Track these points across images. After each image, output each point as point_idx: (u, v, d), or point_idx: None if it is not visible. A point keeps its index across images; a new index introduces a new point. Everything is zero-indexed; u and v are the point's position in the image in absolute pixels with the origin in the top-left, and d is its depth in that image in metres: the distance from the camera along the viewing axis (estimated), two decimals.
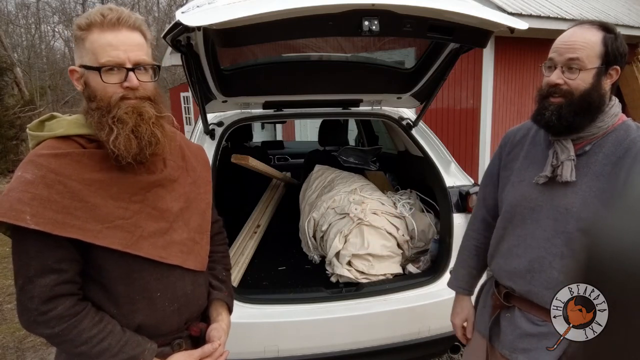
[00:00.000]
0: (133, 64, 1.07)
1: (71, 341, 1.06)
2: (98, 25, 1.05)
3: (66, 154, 1.07)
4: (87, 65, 1.07)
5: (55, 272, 1.04)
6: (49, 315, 1.03)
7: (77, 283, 1.09)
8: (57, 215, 1.02)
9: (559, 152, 1.31)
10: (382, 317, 2.16)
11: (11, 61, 12.54)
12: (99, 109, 1.07)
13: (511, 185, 1.46)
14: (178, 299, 1.19)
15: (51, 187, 1.03)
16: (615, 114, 1.31)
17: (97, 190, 1.08)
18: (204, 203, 1.32)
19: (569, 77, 1.27)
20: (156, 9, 22.76)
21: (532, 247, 1.37)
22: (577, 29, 1.29)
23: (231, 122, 2.51)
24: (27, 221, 1.00)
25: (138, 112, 1.08)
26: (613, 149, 1.27)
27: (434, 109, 6.80)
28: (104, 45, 1.05)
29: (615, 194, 1.23)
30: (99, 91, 1.07)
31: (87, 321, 1.06)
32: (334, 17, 1.55)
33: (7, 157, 10.71)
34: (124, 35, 1.07)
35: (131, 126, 1.06)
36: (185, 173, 1.28)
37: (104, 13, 1.06)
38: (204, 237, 1.29)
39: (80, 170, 1.07)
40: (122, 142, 1.05)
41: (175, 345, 1.21)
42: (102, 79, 1.06)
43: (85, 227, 1.05)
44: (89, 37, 1.06)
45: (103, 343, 1.06)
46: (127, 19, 1.07)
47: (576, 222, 1.28)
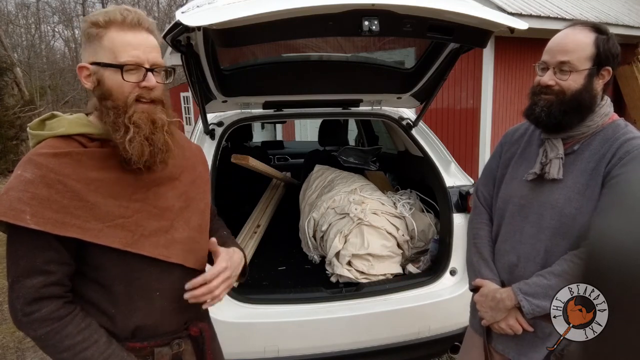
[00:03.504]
0: (151, 65, 1.08)
1: (53, 346, 1.04)
2: (118, 24, 1.06)
3: (66, 154, 1.07)
4: (104, 62, 1.07)
5: (43, 274, 1.03)
6: (32, 317, 1.02)
7: (65, 286, 1.07)
8: (57, 215, 1.02)
9: (549, 150, 1.35)
10: (382, 317, 2.16)
11: (11, 61, 12.54)
12: (115, 108, 1.07)
13: (505, 182, 1.50)
14: (178, 299, 1.18)
15: (51, 187, 1.03)
16: (605, 114, 1.34)
17: (97, 189, 1.07)
18: (203, 203, 1.32)
19: (560, 78, 1.31)
20: (156, 9, 22.76)
21: (521, 242, 1.42)
22: (570, 31, 1.32)
23: (231, 122, 2.51)
24: (27, 221, 0.99)
25: (151, 119, 1.09)
26: (599, 147, 1.31)
27: (434, 109, 6.80)
28: (125, 45, 1.06)
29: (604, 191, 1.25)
30: (115, 89, 1.07)
31: (72, 327, 1.04)
32: (334, 17, 1.56)
33: (7, 157, 10.71)
34: (143, 36, 1.09)
35: (147, 133, 1.07)
36: (186, 171, 1.28)
37: (124, 13, 1.07)
38: (203, 236, 1.29)
39: (80, 169, 1.07)
40: (136, 146, 1.06)
41: (174, 345, 1.20)
42: (124, 77, 1.06)
43: (85, 226, 1.04)
44: (107, 34, 1.06)
45: (85, 352, 1.04)
46: (145, 21, 1.10)
47: (560, 217, 1.32)
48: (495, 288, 1.44)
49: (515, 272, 1.42)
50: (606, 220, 0.57)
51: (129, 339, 1.14)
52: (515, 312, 1.38)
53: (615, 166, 1.25)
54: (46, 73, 19.36)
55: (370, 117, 3.26)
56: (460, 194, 2.39)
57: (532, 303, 1.31)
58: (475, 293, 1.51)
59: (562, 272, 1.28)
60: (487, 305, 1.42)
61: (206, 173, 1.38)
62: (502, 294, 1.40)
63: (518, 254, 1.42)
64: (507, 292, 1.38)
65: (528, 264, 1.39)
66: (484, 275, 1.48)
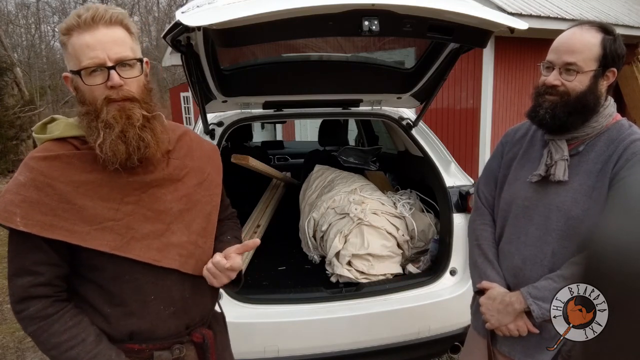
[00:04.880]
0: (114, 62, 1.04)
1: (42, 344, 1.06)
2: (75, 27, 1.03)
3: (56, 157, 1.08)
4: (72, 70, 1.06)
5: (31, 274, 1.05)
6: (22, 315, 1.06)
7: (55, 286, 1.08)
8: (45, 218, 1.03)
9: (553, 151, 1.34)
10: (382, 317, 2.16)
11: (11, 61, 12.53)
12: (88, 113, 1.06)
13: (508, 183, 1.48)
14: (175, 303, 1.16)
15: (41, 190, 1.04)
16: (609, 114, 1.33)
17: (86, 192, 1.07)
18: (210, 206, 1.28)
19: (566, 78, 1.29)
20: (156, 9, 22.77)
21: (526, 244, 1.40)
22: (577, 30, 1.30)
23: (231, 122, 2.51)
24: (17, 223, 1.01)
25: (127, 115, 1.06)
26: (604, 148, 1.29)
27: (434, 109, 6.80)
28: (83, 47, 1.03)
29: (611, 194, 1.25)
30: (87, 95, 1.06)
31: (58, 325, 1.05)
32: (334, 17, 1.55)
33: (7, 157, 10.70)
34: (102, 33, 1.03)
35: (118, 131, 1.05)
36: (192, 173, 1.25)
37: (80, 14, 1.03)
38: (207, 241, 1.25)
39: (69, 172, 1.07)
40: (108, 147, 1.04)
41: (174, 350, 1.17)
42: (84, 82, 1.04)
43: (73, 229, 1.05)
44: (69, 41, 1.04)
45: (72, 351, 1.05)
46: (102, 15, 1.03)
47: (567, 219, 1.31)
48: (504, 291, 1.41)
49: (520, 275, 1.40)
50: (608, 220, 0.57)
51: (126, 341, 1.14)
52: (523, 315, 1.36)
53: (622, 168, 1.24)
54: (46, 73, 19.35)
55: (370, 117, 3.25)
56: (460, 194, 2.39)
57: (542, 307, 1.29)
58: (479, 295, 1.48)
59: (571, 275, 1.27)
60: (495, 308, 1.40)
61: (217, 175, 1.34)
62: (511, 297, 1.37)
63: (523, 256, 1.39)
64: (516, 296, 1.36)
65: (534, 266, 1.37)
66: (490, 278, 1.46)
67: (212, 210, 1.28)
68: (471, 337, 1.63)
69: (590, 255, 0.57)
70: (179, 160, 1.23)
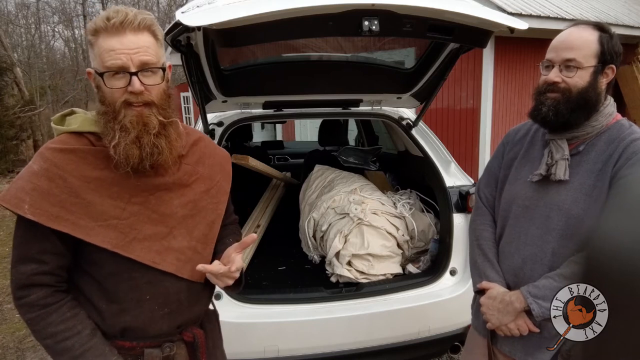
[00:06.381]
0: (137, 68, 1.06)
1: (38, 332, 1.08)
2: (103, 30, 1.05)
3: (72, 150, 1.10)
4: (95, 70, 1.08)
5: (36, 262, 1.07)
6: (22, 301, 1.07)
7: (57, 276, 1.10)
8: (53, 208, 1.05)
9: (554, 151, 1.34)
10: (382, 317, 2.16)
11: (11, 61, 12.53)
12: (106, 113, 1.08)
13: (508, 183, 1.49)
14: (169, 304, 1.18)
15: (52, 181, 1.06)
16: (609, 114, 1.34)
17: (95, 188, 1.09)
18: (215, 214, 1.28)
19: (566, 75, 1.30)
20: (156, 9, 22.73)
21: (526, 244, 1.40)
22: (574, 29, 1.32)
23: (231, 122, 2.51)
24: (24, 210, 1.03)
25: (143, 122, 1.08)
26: (605, 147, 1.30)
27: (434, 109, 6.80)
28: (108, 51, 1.05)
29: (611, 193, 1.25)
30: (107, 95, 1.08)
31: (56, 315, 1.07)
32: (334, 17, 1.55)
33: (7, 157, 10.71)
34: (128, 38, 1.05)
35: (133, 136, 1.07)
36: (201, 180, 1.26)
37: (110, 17, 1.05)
38: (207, 247, 1.26)
39: (82, 167, 1.09)
40: (122, 149, 1.06)
41: (165, 348, 1.19)
42: (106, 84, 1.06)
43: (78, 222, 1.07)
44: (97, 42, 1.06)
45: (66, 342, 1.07)
46: (131, 20, 1.05)
47: (567, 219, 1.31)
48: (504, 291, 1.42)
49: (520, 274, 1.41)
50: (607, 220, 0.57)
51: (118, 337, 1.15)
52: (523, 314, 1.36)
53: (622, 167, 1.24)
54: (46, 73, 19.34)
55: (370, 117, 3.25)
56: (460, 194, 2.39)
57: (542, 306, 1.29)
58: (480, 295, 1.48)
59: (571, 274, 1.27)
60: (495, 308, 1.40)
61: (226, 183, 1.34)
62: (511, 296, 1.38)
63: (523, 255, 1.40)
64: (516, 295, 1.37)
65: (535, 265, 1.37)
66: (490, 278, 1.46)
67: (215, 219, 1.29)
68: (472, 337, 1.63)
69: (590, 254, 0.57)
70: (191, 165, 1.25)
